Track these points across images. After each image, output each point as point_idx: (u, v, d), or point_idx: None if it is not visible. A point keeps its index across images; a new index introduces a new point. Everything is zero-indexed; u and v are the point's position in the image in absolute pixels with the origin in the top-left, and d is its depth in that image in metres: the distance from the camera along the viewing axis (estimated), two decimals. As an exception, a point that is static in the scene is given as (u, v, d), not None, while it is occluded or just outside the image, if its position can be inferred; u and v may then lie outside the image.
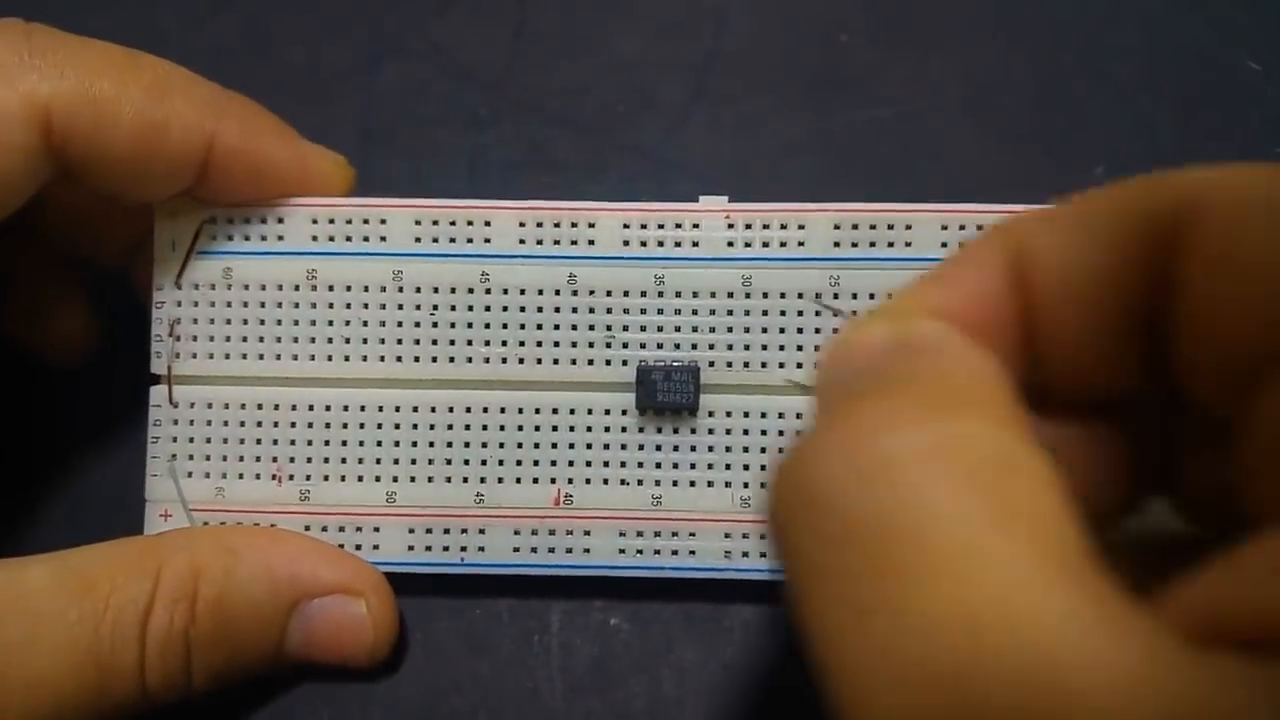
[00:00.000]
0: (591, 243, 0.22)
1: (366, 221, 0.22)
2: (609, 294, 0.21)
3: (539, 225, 0.22)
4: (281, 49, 0.26)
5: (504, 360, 0.22)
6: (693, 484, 0.21)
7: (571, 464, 0.21)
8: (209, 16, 0.27)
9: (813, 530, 0.12)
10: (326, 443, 0.22)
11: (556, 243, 0.22)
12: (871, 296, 0.21)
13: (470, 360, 0.22)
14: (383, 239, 0.22)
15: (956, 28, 0.26)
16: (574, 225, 0.22)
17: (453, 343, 0.22)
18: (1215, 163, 0.19)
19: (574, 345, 0.22)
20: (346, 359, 0.22)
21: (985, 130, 0.25)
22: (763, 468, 0.21)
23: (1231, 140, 0.25)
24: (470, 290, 0.22)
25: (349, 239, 0.22)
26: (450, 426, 0.22)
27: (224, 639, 0.20)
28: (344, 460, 0.22)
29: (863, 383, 0.13)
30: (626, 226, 0.22)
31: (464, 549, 0.22)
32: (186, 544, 0.20)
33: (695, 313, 0.21)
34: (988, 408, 0.13)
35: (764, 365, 0.21)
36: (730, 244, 0.21)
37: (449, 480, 0.22)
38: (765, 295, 0.21)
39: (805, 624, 0.12)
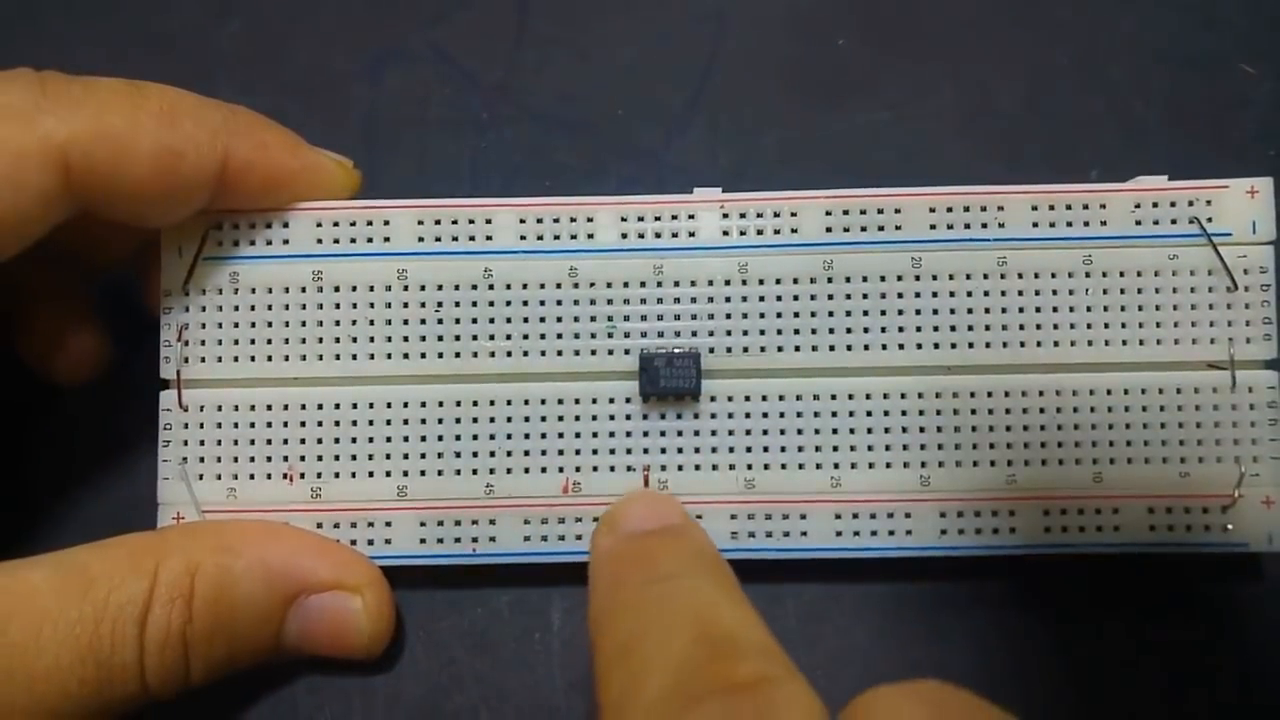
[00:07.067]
0: (591, 236, 0.22)
1: (370, 223, 0.22)
2: (609, 285, 0.22)
3: (539, 221, 0.22)
4: (285, 54, 0.27)
5: (509, 353, 0.22)
6: (697, 467, 0.22)
7: (578, 452, 0.22)
8: (214, 22, 0.27)
9: None
10: (336, 440, 0.22)
11: (556, 238, 0.22)
12: (864, 279, 0.22)
13: (476, 355, 0.22)
14: (386, 239, 0.22)
15: (953, 32, 0.26)
16: (573, 220, 0.22)
17: (458, 338, 0.22)
18: (1209, 166, 0.20)
19: (577, 336, 0.22)
20: (354, 358, 0.22)
21: (982, 134, 0.25)
22: (765, 449, 0.22)
23: (1226, 143, 0.25)
24: (474, 286, 0.22)
25: (353, 240, 0.22)
26: (458, 420, 0.22)
27: (221, 635, 0.20)
28: (354, 457, 0.22)
29: None
30: (624, 220, 0.22)
31: (475, 540, 0.22)
32: (183, 541, 0.20)
33: (694, 300, 0.22)
34: None
35: (763, 349, 0.22)
36: (725, 233, 0.22)
37: (458, 473, 0.22)
38: (761, 281, 0.22)
39: None
